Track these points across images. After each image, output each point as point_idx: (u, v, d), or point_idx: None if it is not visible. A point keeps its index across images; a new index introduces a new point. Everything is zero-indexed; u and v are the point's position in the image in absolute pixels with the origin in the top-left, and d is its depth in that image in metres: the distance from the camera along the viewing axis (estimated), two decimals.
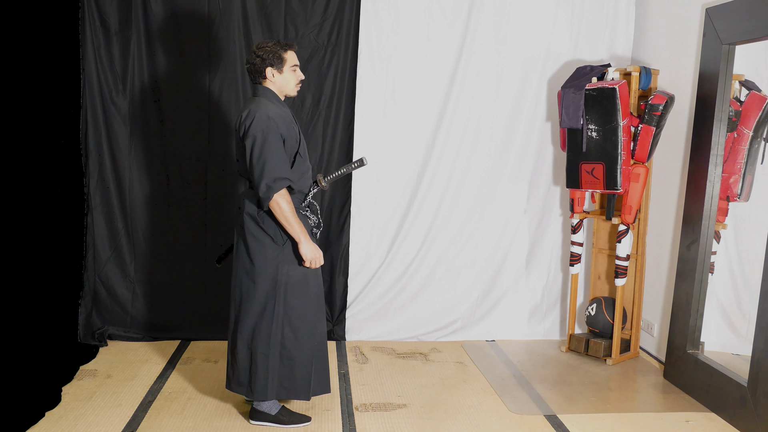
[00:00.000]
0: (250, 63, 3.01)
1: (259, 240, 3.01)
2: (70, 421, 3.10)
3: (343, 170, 3.28)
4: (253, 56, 3.00)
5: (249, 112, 2.92)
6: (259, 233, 3.00)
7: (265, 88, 3.03)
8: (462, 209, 4.31)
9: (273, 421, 3.09)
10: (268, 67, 2.99)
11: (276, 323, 3.02)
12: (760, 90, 3.50)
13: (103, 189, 4.12)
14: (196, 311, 4.24)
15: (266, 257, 3.00)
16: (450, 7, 4.15)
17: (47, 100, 3.77)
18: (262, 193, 2.88)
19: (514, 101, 4.27)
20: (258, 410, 3.11)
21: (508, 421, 3.23)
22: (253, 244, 3.01)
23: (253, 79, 3.05)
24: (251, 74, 3.04)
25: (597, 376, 3.84)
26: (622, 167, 3.78)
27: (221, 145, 4.19)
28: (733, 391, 3.23)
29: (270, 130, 2.88)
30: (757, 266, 3.16)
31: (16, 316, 3.50)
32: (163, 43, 4.07)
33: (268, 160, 2.87)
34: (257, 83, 3.05)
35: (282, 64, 3.01)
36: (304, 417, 3.16)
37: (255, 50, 3.01)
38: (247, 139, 2.89)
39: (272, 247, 3.00)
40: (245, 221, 3.03)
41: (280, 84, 3.04)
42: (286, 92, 3.08)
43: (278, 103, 3.02)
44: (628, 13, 4.29)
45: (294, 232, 2.93)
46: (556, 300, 4.48)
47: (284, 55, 3.01)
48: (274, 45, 3.00)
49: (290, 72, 3.04)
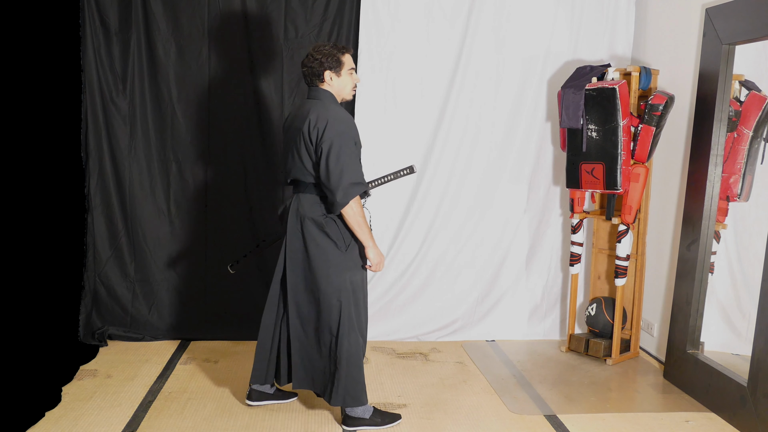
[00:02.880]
0: (308, 66, 2.99)
1: (321, 246, 2.98)
2: (70, 421, 3.10)
3: (389, 177, 3.22)
4: (311, 59, 2.98)
5: (319, 116, 2.89)
6: (322, 239, 2.98)
7: (324, 90, 3.01)
8: (462, 209, 4.31)
9: (369, 425, 3.08)
10: (326, 70, 2.98)
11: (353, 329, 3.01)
12: (760, 90, 3.50)
13: (103, 189, 4.12)
14: (196, 311, 4.25)
15: (331, 263, 2.98)
16: (450, 7, 4.15)
17: (47, 100, 3.77)
18: (339, 198, 2.85)
19: (514, 101, 4.27)
20: (352, 416, 3.08)
21: (508, 421, 3.23)
22: (315, 251, 2.98)
23: (309, 82, 3.03)
24: (307, 77, 3.02)
25: (597, 376, 3.84)
26: (622, 167, 3.78)
27: (222, 144, 4.20)
28: (733, 391, 3.23)
29: (347, 135, 2.88)
30: (757, 266, 3.16)
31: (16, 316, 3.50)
32: (163, 43, 4.07)
33: (346, 165, 2.85)
34: (313, 86, 3.03)
35: (340, 68, 3.00)
36: (396, 416, 3.16)
37: (312, 53, 2.99)
38: (323, 144, 2.85)
39: (335, 253, 2.98)
40: (306, 227, 2.99)
41: (338, 87, 3.03)
42: (343, 95, 3.07)
43: (340, 107, 3.01)
44: (628, 13, 4.28)
45: (365, 236, 2.95)
46: (556, 300, 4.48)
47: (342, 58, 3.00)
48: (331, 48, 2.99)
49: (347, 75, 3.04)
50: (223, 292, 4.24)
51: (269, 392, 3.29)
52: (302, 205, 3.01)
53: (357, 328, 3.03)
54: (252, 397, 3.27)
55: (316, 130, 2.88)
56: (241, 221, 4.26)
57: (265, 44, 4.14)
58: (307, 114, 2.94)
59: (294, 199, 3.07)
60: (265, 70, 4.16)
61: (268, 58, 4.15)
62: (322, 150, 2.86)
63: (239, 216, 4.26)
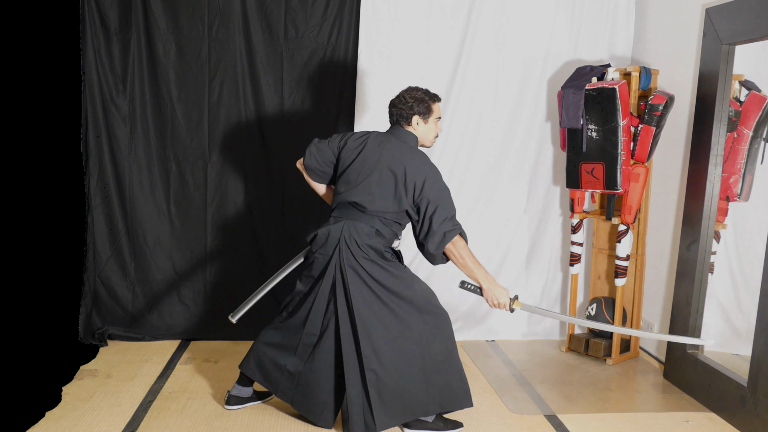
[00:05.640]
0: (397, 107, 3.02)
1: (386, 269, 2.97)
2: (71, 421, 3.10)
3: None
4: (402, 101, 3.01)
5: (417, 170, 2.91)
6: (383, 261, 2.97)
7: (409, 134, 3.04)
8: (462, 209, 4.29)
9: (431, 429, 3.06)
10: (415, 114, 3.01)
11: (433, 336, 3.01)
12: (760, 90, 3.51)
13: (103, 189, 4.12)
14: (196, 311, 4.25)
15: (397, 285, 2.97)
16: (450, 7, 4.15)
17: (47, 100, 3.77)
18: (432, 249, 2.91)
19: (514, 101, 4.27)
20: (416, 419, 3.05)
21: (508, 421, 3.23)
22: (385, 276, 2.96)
23: (393, 122, 3.06)
24: (394, 117, 3.04)
25: (597, 376, 3.84)
26: (622, 167, 3.78)
27: (222, 144, 4.19)
28: (733, 391, 3.23)
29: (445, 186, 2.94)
30: (757, 266, 3.16)
31: (16, 316, 3.50)
32: (163, 43, 4.07)
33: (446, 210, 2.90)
34: (398, 126, 3.05)
35: (429, 115, 3.03)
36: (457, 423, 3.14)
37: (405, 95, 3.01)
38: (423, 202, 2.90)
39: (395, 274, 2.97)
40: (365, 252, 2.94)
41: (422, 133, 3.06)
42: (425, 142, 3.10)
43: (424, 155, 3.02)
44: (628, 13, 4.29)
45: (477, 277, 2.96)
46: (556, 300, 4.48)
47: (432, 106, 3.03)
48: (424, 94, 3.02)
49: (433, 123, 3.06)
50: (223, 292, 4.24)
51: (246, 396, 3.28)
52: (357, 232, 2.95)
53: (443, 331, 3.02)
54: (230, 402, 3.27)
55: (413, 183, 2.91)
56: (241, 221, 4.26)
57: (265, 44, 4.14)
58: (399, 159, 2.95)
59: (346, 225, 2.98)
60: (265, 70, 4.16)
61: (268, 58, 4.15)
62: (425, 206, 2.90)
63: (239, 216, 4.26)
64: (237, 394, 3.27)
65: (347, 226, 2.97)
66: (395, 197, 2.95)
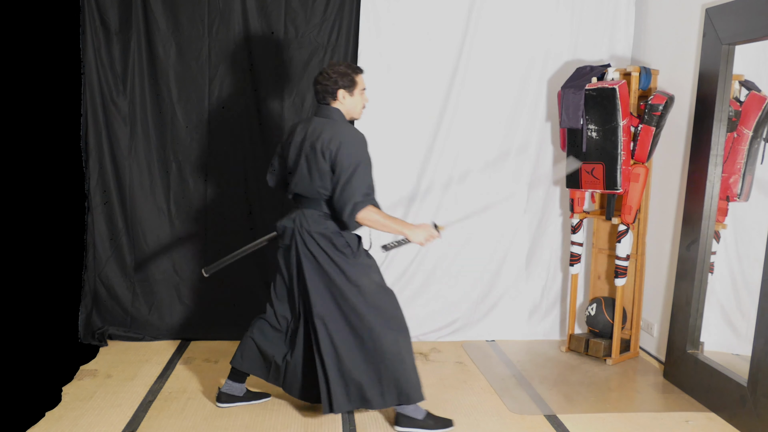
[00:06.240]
0: (322, 83, 3.02)
1: (334, 258, 3.00)
2: (70, 421, 3.10)
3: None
4: (326, 77, 3.01)
5: (333, 136, 2.93)
6: (332, 251, 3.00)
7: (335, 109, 3.05)
8: (462, 209, 4.31)
9: (420, 427, 3.08)
10: (341, 89, 3.02)
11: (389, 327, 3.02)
12: (760, 90, 3.51)
13: (103, 189, 4.12)
14: (196, 311, 4.25)
15: (350, 272, 3.01)
16: (450, 6, 4.15)
17: (48, 100, 3.77)
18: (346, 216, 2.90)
19: (514, 101, 4.27)
20: (404, 415, 3.08)
21: (508, 421, 3.23)
22: (330, 264, 3.00)
23: (320, 99, 3.06)
24: (320, 94, 3.05)
25: (597, 376, 3.84)
26: (622, 167, 3.78)
27: (221, 145, 4.20)
28: (733, 391, 3.23)
29: (361, 156, 2.92)
30: (757, 266, 3.16)
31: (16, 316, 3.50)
32: (163, 43, 4.07)
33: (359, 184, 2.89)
34: (325, 104, 3.06)
35: (354, 87, 3.05)
36: (447, 421, 3.15)
37: (327, 71, 3.02)
38: (338, 166, 2.89)
39: (349, 262, 3.01)
40: (316, 242, 3.00)
41: (350, 106, 3.07)
42: (353, 114, 3.11)
43: (351, 126, 3.05)
44: (628, 13, 4.29)
45: (398, 227, 2.99)
46: (556, 300, 4.48)
47: (356, 78, 3.05)
48: (346, 67, 3.03)
49: (359, 95, 3.08)
50: (223, 292, 4.24)
51: (239, 395, 3.29)
52: (307, 220, 3.02)
53: (394, 325, 3.04)
54: (221, 399, 3.29)
55: (329, 150, 2.91)
56: (241, 221, 4.26)
57: (265, 44, 4.14)
58: (320, 133, 2.96)
59: (297, 215, 3.07)
60: (266, 70, 4.16)
61: (268, 58, 4.15)
62: (338, 171, 2.90)
63: (239, 216, 4.26)
64: (227, 391, 3.28)
65: (298, 216, 3.06)
66: (323, 173, 2.96)
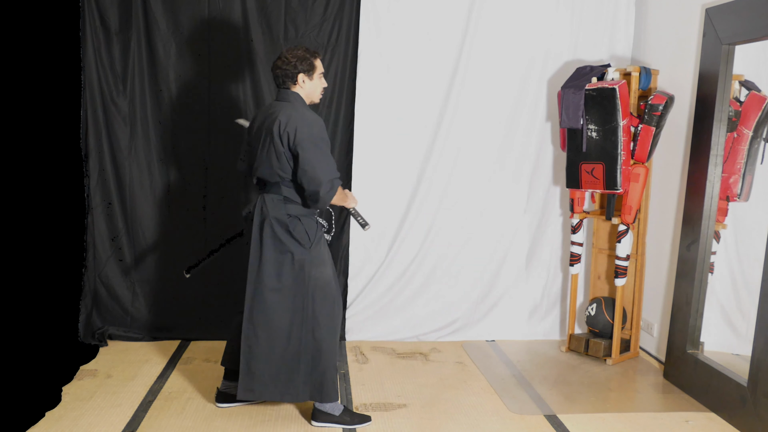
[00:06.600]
0: (281, 68, 3.02)
1: (286, 245, 3.02)
2: (70, 421, 3.10)
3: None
4: (285, 61, 3.01)
5: (289, 119, 2.94)
6: (287, 238, 3.02)
7: (294, 93, 3.05)
8: (462, 209, 4.32)
9: (337, 422, 3.11)
10: (300, 73, 3.02)
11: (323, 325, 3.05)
12: (760, 90, 3.51)
13: (103, 189, 4.13)
14: (196, 311, 4.25)
15: (297, 261, 3.02)
16: (450, 6, 4.15)
17: (48, 100, 3.77)
18: (324, 193, 2.92)
19: (514, 101, 4.27)
20: (322, 411, 3.12)
21: (508, 421, 3.23)
22: (280, 250, 3.02)
23: (280, 84, 3.06)
24: (280, 78, 3.05)
25: (597, 376, 3.84)
26: (622, 167, 3.78)
27: (221, 145, 4.19)
28: (733, 391, 3.23)
29: (318, 136, 2.94)
30: (757, 266, 3.16)
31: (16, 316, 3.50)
32: (163, 43, 4.07)
33: (322, 163, 2.92)
34: (285, 88, 3.06)
35: (313, 71, 3.06)
36: (365, 417, 3.18)
37: (286, 56, 3.02)
38: (298, 148, 2.91)
39: (301, 251, 3.02)
40: (271, 226, 3.02)
41: (309, 90, 3.08)
42: (313, 98, 3.13)
43: (309, 109, 3.06)
44: (628, 13, 4.29)
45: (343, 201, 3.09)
46: (556, 300, 4.48)
47: (315, 62, 3.06)
48: (305, 51, 3.04)
49: (318, 79, 3.10)
50: (222, 292, 4.24)
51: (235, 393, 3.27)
52: (266, 205, 3.04)
53: (329, 323, 3.06)
54: (220, 399, 3.29)
55: (287, 133, 2.93)
56: (241, 221, 4.25)
57: (265, 44, 4.14)
58: (277, 116, 2.97)
59: (259, 199, 3.09)
60: (266, 70, 4.16)
61: (268, 58, 4.15)
62: (302, 153, 2.91)
63: (239, 216, 4.25)
64: (225, 391, 3.29)
65: (260, 201, 3.08)
66: (280, 155, 2.97)
